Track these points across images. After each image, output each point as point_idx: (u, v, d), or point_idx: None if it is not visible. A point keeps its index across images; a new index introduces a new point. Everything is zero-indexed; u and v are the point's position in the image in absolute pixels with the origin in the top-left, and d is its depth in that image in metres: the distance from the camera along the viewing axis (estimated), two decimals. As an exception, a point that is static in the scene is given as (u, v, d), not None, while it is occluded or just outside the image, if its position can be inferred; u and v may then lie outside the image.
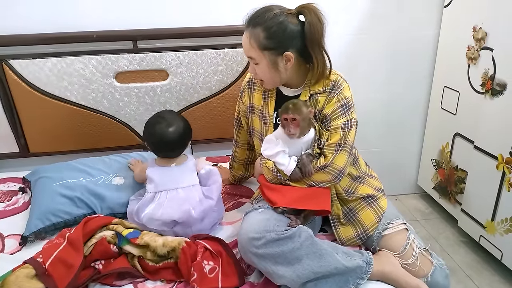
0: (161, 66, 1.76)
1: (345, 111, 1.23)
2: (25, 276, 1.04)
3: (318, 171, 1.20)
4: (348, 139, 1.21)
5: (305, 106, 1.20)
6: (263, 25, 1.16)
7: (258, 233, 1.11)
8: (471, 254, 1.86)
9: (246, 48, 1.21)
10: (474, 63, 1.75)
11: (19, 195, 1.60)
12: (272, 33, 1.15)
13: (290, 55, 1.18)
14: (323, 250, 1.11)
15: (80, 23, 1.69)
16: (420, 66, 2.10)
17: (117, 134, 1.85)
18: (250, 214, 1.22)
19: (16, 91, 1.70)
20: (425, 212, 2.23)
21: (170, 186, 1.33)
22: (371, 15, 1.95)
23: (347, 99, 1.23)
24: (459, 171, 1.93)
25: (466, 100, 1.85)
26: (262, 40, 1.16)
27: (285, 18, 1.16)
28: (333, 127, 1.22)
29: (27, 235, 1.31)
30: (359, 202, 1.33)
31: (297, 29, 1.17)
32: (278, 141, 1.23)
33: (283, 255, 1.09)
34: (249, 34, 1.18)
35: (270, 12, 1.16)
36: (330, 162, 1.19)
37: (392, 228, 1.26)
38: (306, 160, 1.21)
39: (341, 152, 1.20)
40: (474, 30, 1.73)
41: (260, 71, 1.23)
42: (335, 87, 1.24)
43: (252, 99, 1.37)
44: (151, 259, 1.17)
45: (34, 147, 1.82)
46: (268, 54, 1.18)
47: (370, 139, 2.22)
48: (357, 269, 1.12)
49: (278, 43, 1.17)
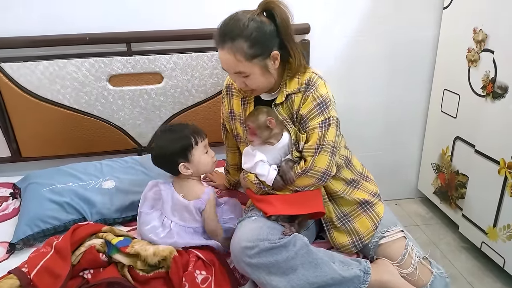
0: (156, 69, 1.73)
1: (322, 110, 1.17)
2: (9, 287, 1.00)
3: (300, 176, 1.16)
4: (328, 139, 1.16)
5: (263, 114, 1.16)
6: (242, 35, 1.10)
7: (251, 242, 1.07)
8: (473, 261, 1.83)
9: (232, 65, 1.13)
10: (475, 66, 1.72)
11: (9, 201, 1.57)
12: (254, 40, 1.10)
13: (276, 54, 1.15)
14: (318, 259, 1.08)
15: (72, 25, 1.66)
16: (419, 69, 2.06)
17: (111, 138, 1.81)
18: (243, 222, 1.18)
19: (8, 95, 1.66)
20: (425, 217, 2.20)
21: (168, 214, 1.26)
22: (369, 16, 1.92)
23: (323, 96, 1.17)
24: (460, 176, 1.89)
25: (467, 103, 1.81)
26: (247, 51, 1.11)
27: (258, 21, 1.11)
28: (311, 127, 1.17)
29: (15, 242, 1.28)
30: (354, 207, 1.29)
31: (272, 27, 1.13)
32: (255, 152, 1.20)
33: (277, 265, 1.05)
34: (231, 49, 1.11)
35: (241, 21, 1.11)
36: (311, 165, 1.15)
37: (389, 237, 1.23)
38: (286, 167, 1.17)
39: (320, 153, 1.15)
40: (475, 32, 1.70)
41: (252, 82, 1.17)
42: (309, 85, 1.19)
43: (232, 106, 1.34)
44: (141, 268, 1.13)
45: (26, 152, 1.79)
46: (257, 61, 1.13)
47: (369, 143, 2.19)
48: (354, 279, 1.08)
49: (263, 48, 1.12)
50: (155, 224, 1.25)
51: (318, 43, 1.89)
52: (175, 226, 1.25)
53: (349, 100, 2.05)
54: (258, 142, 1.19)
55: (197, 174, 1.31)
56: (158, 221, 1.26)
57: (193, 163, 1.26)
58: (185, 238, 1.23)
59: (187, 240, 1.22)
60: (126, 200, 1.44)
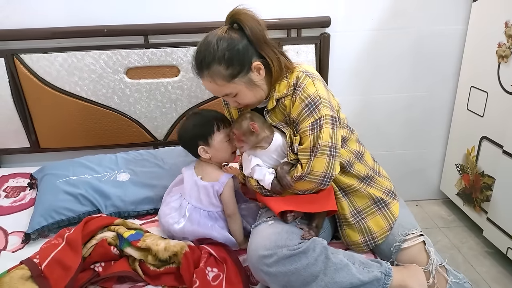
0: (173, 62, 1.71)
1: (311, 111, 1.10)
2: (20, 277, 1.00)
3: (298, 181, 1.11)
4: (323, 140, 1.08)
5: (246, 120, 1.13)
6: (215, 60, 1.07)
7: (268, 250, 1.03)
8: (497, 267, 1.74)
9: (217, 90, 1.13)
10: (505, 62, 1.63)
11: (27, 190, 1.59)
12: (228, 60, 1.07)
13: (257, 64, 1.11)
14: (338, 263, 1.04)
15: (91, 17, 1.66)
16: (445, 65, 1.97)
17: (127, 131, 1.81)
18: (259, 227, 1.14)
19: (27, 86, 1.68)
20: (447, 219, 2.12)
21: (186, 197, 1.27)
22: (393, 8, 1.84)
23: (311, 96, 1.10)
24: (486, 177, 1.81)
25: (495, 101, 1.72)
26: (225, 73, 1.08)
27: (227, 38, 1.08)
28: (302, 130, 1.11)
29: (30, 233, 1.29)
30: (369, 204, 1.23)
31: (244, 40, 1.09)
32: (251, 157, 1.18)
33: (297, 273, 1.01)
34: (210, 77, 1.10)
35: (211, 45, 1.08)
36: (308, 170, 1.08)
37: (412, 240, 1.17)
38: (281, 172, 1.13)
39: (316, 156, 1.08)
40: (506, 25, 1.61)
41: (242, 99, 1.15)
42: (297, 86, 1.13)
43: (231, 115, 1.32)
44: (152, 263, 1.12)
45: (44, 143, 1.81)
46: (239, 80, 1.10)
47: (391, 141, 2.12)
48: (374, 281, 1.04)
49: (240, 64, 1.09)
50: (173, 205, 1.27)
51: (339, 37, 1.83)
52: (191, 209, 1.24)
53: (370, 96, 1.99)
54: (248, 148, 1.17)
55: (216, 160, 1.31)
56: (176, 202, 1.28)
57: (212, 148, 1.27)
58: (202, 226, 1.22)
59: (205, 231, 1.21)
60: (141, 193, 1.44)
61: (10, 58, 1.63)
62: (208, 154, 1.27)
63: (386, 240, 1.20)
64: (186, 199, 1.27)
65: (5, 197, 1.54)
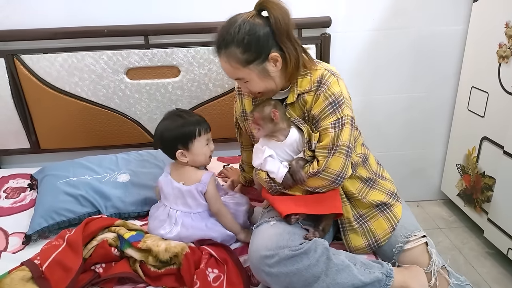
0: (173, 63, 1.71)
1: (334, 109, 1.11)
2: (20, 279, 1.00)
3: (312, 177, 1.11)
4: (342, 139, 1.09)
5: (269, 106, 1.13)
6: (234, 41, 1.06)
7: (270, 250, 1.03)
8: (498, 268, 1.74)
9: (230, 72, 1.12)
10: (506, 62, 1.63)
11: (27, 191, 1.58)
12: (246, 44, 1.06)
13: (275, 56, 1.09)
14: (340, 264, 1.04)
15: (91, 17, 1.66)
16: (446, 65, 1.97)
17: (128, 131, 1.81)
18: (261, 227, 1.14)
19: (27, 86, 1.68)
20: (448, 220, 2.11)
21: (171, 204, 1.25)
22: (393, 9, 1.84)
23: (335, 95, 1.11)
24: (486, 178, 1.81)
25: (496, 102, 1.72)
26: (241, 57, 1.07)
27: (251, 23, 1.07)
28: (323, 127, 1.11)
29: (30, 234, 1.29)
30: (371, 209, 1.24)
31: (267, 28, 1.08)
32: (264, 148, 1.17)
33: (298, 273, 1.01)
34: (226, 57, 1.09)
35: (233, 26, 1.07)
36: (324, 167, 1.09)
37: (414, 242, 1.17)
38: (296, 166, 1.12)
39: (335, 154, 1.09)
40: (507, 26, 1.61)
41: (253, 86, 1.14)
42: (321, 83, 1.13)
43: (243, 106, 1.31)
44: (153, 264, 1.12)
45: (44, 144, 1.81)
46: (253, 66, 1.09)
47: (391, 142, 2.12)
48: (375, 282, 1.04)
49: (258, 51, 1.08)
50: (161, 218, 1.24)
51: (340, 37, 1.83)
52: (181, 215, 1.23)
53: (371, 97, 1.99)
54: (261, 134, 1.16)
55: (193, 164, 1.29)
56: (163, 214, 1.25)
57: (191, 153, 1.26)
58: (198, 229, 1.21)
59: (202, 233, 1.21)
60: (141, 194, 1.44)
61: (10, 58, 1.63)
62: (186, 158, 1.25)
63: (389, 242, 1.20)
64: (173, 207, 1.25)
65: (6, 198, 1.54)
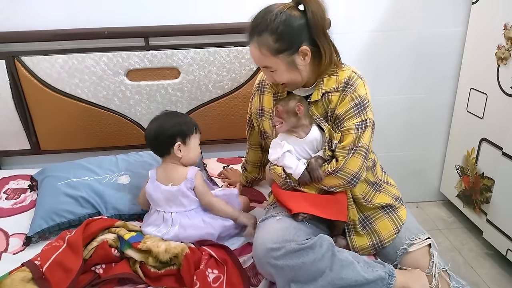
0: (173, 64, 1.72)
1: (359, 111, 1.13)
2: (21, 279, 1.00)
3: (329, 176, 1.12)
4: (363, 141, 1.12)
5: (294, 100, 1.14)
6: (268, 29, 1.07)
7: (277, 243, 1.04)
8: (497, 268, 1.74)
9: (259, 59, 1.12)
10: (505, 64, 1.64)
11: (27, 192, 1.58)
12: (280, 34, 1.07)
13: (306, 49, 1.10)
14: (344, 260, 1.04)
15: (91, 19, 1.67)
16: (445, 67, 1.98)
17: (128, 133, 1.82)
18: (267, 221, 1.15)
19: (28, 88, 1.68)
20: (447, 221, 2.12)
21: (164, 208, 1.26)
22: (393, 10, 1.85)
23: (361, 97, 1.14)
24: (485, 179, 1.81)
25: (495, 103, 1.73)
26: (272, 45, 1.08)
27: (288, 14, 1.07)
28: (346, 128, 1.13)
29: (31, 235, 1.29)
30: (377, 210, 1.25)
31: (302, 22, 1.08)
32: (283, 142, 1.17)
33: (304, 267, 1.01)
34: (257, 44, 1.09)
35: (270, 14, 1.08)
36: (342, 166, 1.11)
37: (418, 244, 1.18)
38: (315, 164, 1.13)
39: (354, 155, 1.11)
40: (505, 28, 1.62)
41: (279, 76, 1.14)
42: (348, 84, 1.15)
43: (262, 102, 1.31)
44: (153, 265, 1.12)
45: (45, 145, 1.81)
46: (283, 57, 1.10)
47: (390, 143, 2.12)
48: (378, 280, 1.04)
49: (290, 42, 1.08)
50: (157, 223, 1.25)
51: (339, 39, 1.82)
52: (177, 216, 1.24)
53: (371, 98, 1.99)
54: (283, 129, 1.16)
55: (184, 161, 1.32)
56: (158, 219, 1.26)
57: (187, 147, 1.31)
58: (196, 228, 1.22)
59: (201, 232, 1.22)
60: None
61: (11, 60, 1.63)
62: (181, 152, 1.29)
63: (393, 244, 1.20)
64: (167, 211, 1.26)
65: (6, 199, 1.54)
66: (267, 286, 1.12)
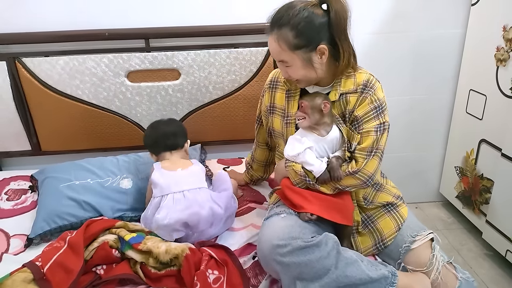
0: (173, 65, 1.72)
1: (378, 114, 1.15)
2: (22, 280, 1.01)
3: (348, 176, 1.14)
4: (380, 144, 1.15)
5: (321, 97, 1.15)
6: (289, 23, 1.08)
7: (283, 240, 1.04)
8: (496, 269, 1.75)
9: (276, 52, 1.13)
10: (504, 65, 1.64)
11: (28, 193, 1.59)
12: (300, 30, 1.07)
13: (324, 48, 1.10)
14: (349, 258, 1.05)
15: (92, 21, 1.67)
16: (444, 68, 1.99)
17: (128, 134, 1.82)
18: (271, 219, 1.15)
19: (29, 89, 1.69)
20: (447, 221, 2.12)
21: (175, 189, 1.29)
22: (392, 12, 1.86)
23: (380, 100, 1.16)
24: (485, 180, 1.82)
25: (494, 105, 1.73)
26: (291, 40, 1.09)
27: (310, 11, 1.08)
28: (365, 130, 1.15)
29: (32, 237, 1.29)
30: (379, 209, 1.27)
31: (324, 20, 1.09)
32: (304, 139, 1.17)
33: (310, 264, 1.02)
34: (276, 37, 1.10)
35: (293, 9, 1.09)
36: (362, 167, 1.13)
37: (420, 240, 1.18)
38: (336, 164, 1.15)
39: (373, 157, 1.14)
40: (504, 29, 1.62)
41: (293, 72, 1.15)
42: (367, 87, 1.16)
43: (273, 99, 1.31)
44: (153, 266, 1.13)
45: (45, 146, 1.81)
46: (300, 53, 1.10)
47: (390, 144, 2.09)
48: (381, 279, 1.05)
49: (309, 39, 1.09)
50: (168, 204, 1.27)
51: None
52: (189, 193, 1.29)
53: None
54: (305, 124, 1.16)
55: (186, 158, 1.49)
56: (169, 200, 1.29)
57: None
58: (207, 199, 1.29)
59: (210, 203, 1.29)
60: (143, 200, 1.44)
61: (12, 61, 1.64)
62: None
63: (395, 241, 1.21)
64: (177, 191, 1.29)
65: (7, 200, 1.54)
66: (267, 287, 1.13)
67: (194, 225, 1.25)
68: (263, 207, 1.49)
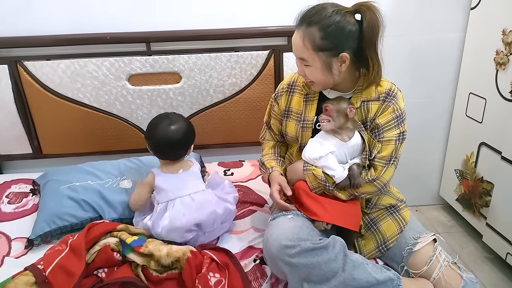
0: (174, 69, 1.73)
1: (399, 123, 1.17)
2: (24, 283, 1.01)
3: (366, 183, 1.16)
4: (399, 153, 1.18)
5: (346, 101, 1.15)
6: (319, 24, 1.07)
7: (291, 241, 1.05)
8: (497, 272, 1.75)
9: (299, 49, 1.12)
10: (503, 69, 1.65)
11: (29, 196, 1.59)
12: (328, 33, 1.07)
13: (345, 56, 1.10)
14: (355, 261, 1.06)
15: (93, 24, 1.68)
16: (444, 72, 1.99)
17: (129, 137, 1.83)
18: (278, 219, 1.16)
19: (30, 93, 1.70)
20: (447, 224, 2.12)
21: (181, 193, 1.29)
22: (392, 17, 1.86)
23: (401, 110, 1.18)
24: (485, 183, 1.82)
25: (493, 108, 1.74)
26: (317, 41, 1.08)
27: (343, 17, 1.08)
28: (386, 138, 1.16)
29: (33, 239, 1.29)
30: (381, 212, 1.27)
31: (355, 29, 1.09)
32: (326, 143, 1.17)
33: (318, 266, 1.02)
34: (303, 33, 1.09)
35: (326, 11, 1.08)
36: (380, 175, 1.15)
37: (423, 242, 1.18)
38: (357, 171, 1.16)
39: (391, 165, 1.16)
40: (504, 33, 1.63)
41: (310, 73, 1.15)
42: (389, 95, 1.17)
43: (290, 103, 1.30)
44: (155, 269, 1.13)
45: (47, 149, 1.82)
46: (322, 55, 1.10)
47: (389, 147, 2.13)
48: (387, 281, 1.05)
49: (335, 44, 1.08)
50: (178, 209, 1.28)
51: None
52: (195, 195, 1.30)
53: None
54: (328, 127, 1.16)
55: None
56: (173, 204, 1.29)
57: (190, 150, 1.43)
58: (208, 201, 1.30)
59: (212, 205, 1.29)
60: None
61: (14, 65, 1.65)
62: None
63: (398, 244, 1.21)
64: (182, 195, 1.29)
65: (8, 203, 1.54)
66: (269, 290, 1.13)
67: (209, 224, 1.26)
68: (264, 210, 1.49)
